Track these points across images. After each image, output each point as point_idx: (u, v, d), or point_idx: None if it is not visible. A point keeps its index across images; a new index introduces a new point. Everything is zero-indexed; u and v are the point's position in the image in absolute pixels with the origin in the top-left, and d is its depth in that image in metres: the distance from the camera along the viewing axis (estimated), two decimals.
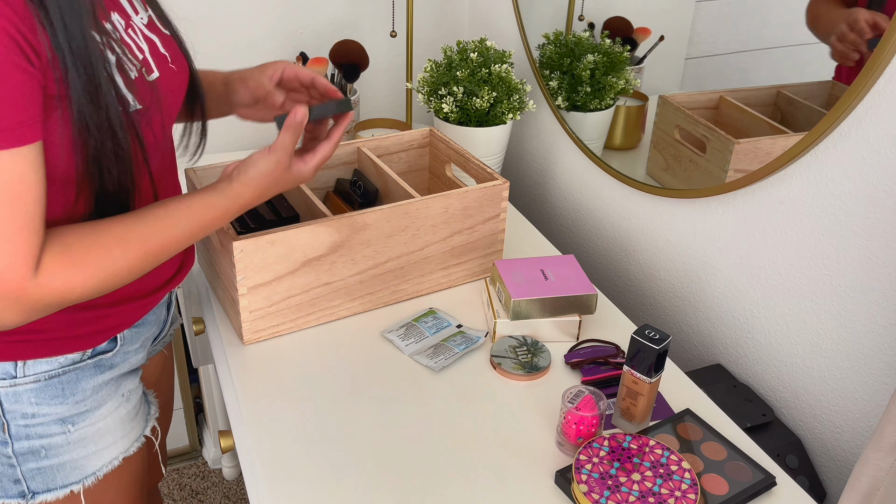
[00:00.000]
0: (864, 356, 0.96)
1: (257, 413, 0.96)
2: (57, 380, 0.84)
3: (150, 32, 0.82)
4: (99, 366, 0.88)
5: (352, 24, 1.66)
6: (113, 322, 0.87)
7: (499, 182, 1.15)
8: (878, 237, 0.91)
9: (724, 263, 1.14)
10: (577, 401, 0.89)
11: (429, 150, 1.33)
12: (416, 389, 1.00)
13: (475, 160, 1.21)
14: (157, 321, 1.00)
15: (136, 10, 0.82)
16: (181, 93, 0.87)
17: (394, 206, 1.07)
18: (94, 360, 0.87)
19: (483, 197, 1.15)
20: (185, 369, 1.99)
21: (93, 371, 0.87)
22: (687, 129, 1.14)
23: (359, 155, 1.27)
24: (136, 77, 0.76)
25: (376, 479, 0.87)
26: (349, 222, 1.04)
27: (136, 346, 0.93)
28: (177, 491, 2.03)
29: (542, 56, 1.46)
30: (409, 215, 1.09)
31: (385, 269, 1.12)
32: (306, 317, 1.09)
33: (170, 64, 0.83)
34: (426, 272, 1.17)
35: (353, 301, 1.12)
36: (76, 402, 0.86)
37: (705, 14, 1.13)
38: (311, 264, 1.04)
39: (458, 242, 1.17)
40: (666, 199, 1.23)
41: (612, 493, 0.82)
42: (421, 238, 1.13)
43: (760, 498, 0.86)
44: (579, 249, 1.50)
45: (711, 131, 1.08)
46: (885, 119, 0.86)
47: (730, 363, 1.17)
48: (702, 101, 1.12)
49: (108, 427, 0.90)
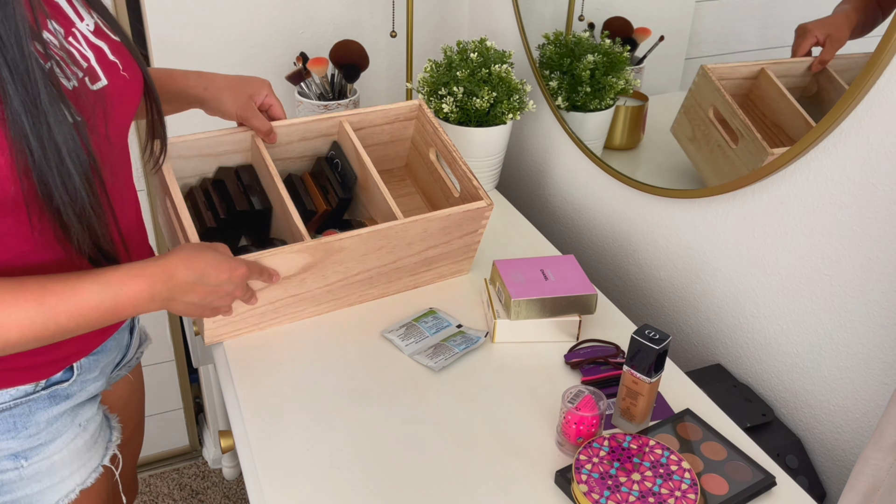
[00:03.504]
0: (864, 356, 0.96)
1: (257, 413, 0.96)
2: (8, 413, 0.79)
3: (98, 39, 0.77)
4: (54, 397, 0.82)
5: (352, 24, 1.66)
6: (68, 350, 0.82)
7: (483, 204, 1.11)
8: (878, 237, 0.91)
9: (724, 263, 1.14)
10: (577, 401, 0.89)
11: (414, 123, 1.27)
12: (416, 389, 1.00)
13: (462, 163, 1.17)
14: (119, 346, 0.95)
15: (80, 17, 0.77)
16: (134, 100, 0.82)
17: (372, 231, 1.04)
18: (48, 391, 0.81)
19: (465, 218, 1.12)
20: (185, 369, 1.99)
21: (47, 403, 0.82)
22: (723, 114, 1.09)
23: (339, 129, 1.19)
24: (77, 87, 0.71)
25: (376, 479, 0.87)
26: (325, 247, 1.01)
27: (95, 374, 0.88)
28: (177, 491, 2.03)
29: (542, 56, 1.46)
30: (387, 237, 1.06)
31: (354, 280, 1.10)
32: (269, 322, 1.08)
33: (121, 71, 0.79)
34: (394, 279, 1.15)
35: (318, 306, 1.11)
36: (29, 437, 0.81)
37: (705, 14, 1.13)
38: (280, 283, 1.02)
39: (432, 255, 1.15)
40: (666, 199, 1.23)
41: (612, 493, 0.82)
42: (394, 253, 1.10)
43: (760, 498, 0.86)
44: (579, 249, 1.50)
45: (748, 130, 1.05)
46: (885, 119, 0.86)
47: (730, 363, 1.17)
48: (743, 72, 1.07)
49: (64, 460, 0.85)
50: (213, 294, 0.83)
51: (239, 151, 1.13)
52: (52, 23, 0.72)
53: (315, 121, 1.16)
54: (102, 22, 0.80)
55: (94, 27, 0.78)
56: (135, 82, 0.82)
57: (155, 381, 1.96)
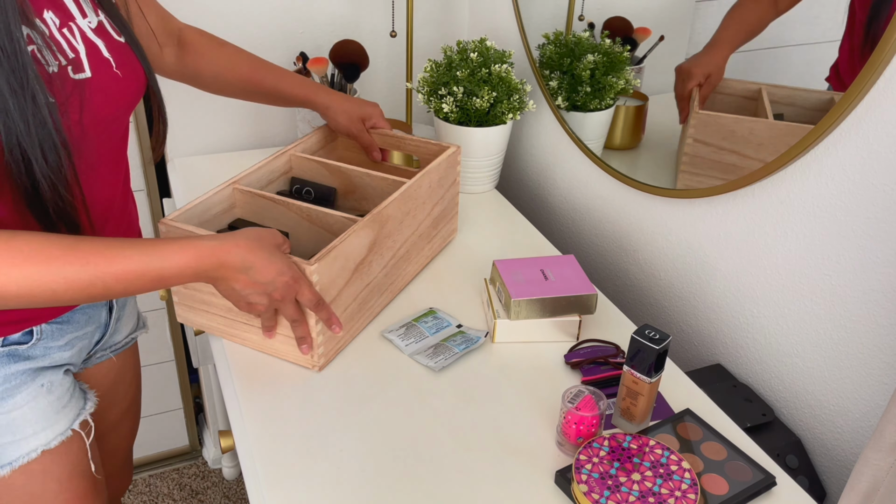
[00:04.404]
0: (864, 356, 0.96)
1: (257, 413, 0.96)
2: None
3: (96, 36, 0.83)
4: (13, 355, 0.86)
5: (352, 24, 1.66)
6: (29, 314, 0.86)
7: (454, 149, 1.23)
8: (878, 237, 0.91)
9: (724, 263, 1.14)
10: (577, 401, 0.89)
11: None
12: (416, 389, 1.00)
13: (410, 137, 1.27)
14: (93, 322, 0.98)
15: (83, 14, 0.83)
16: (122, 97, 0.86)
17: (402, 193, 1.09)
18: (6, 349, 0.86)
19: (447, 165, 1.22)
20: (185, 369, 1.99)
21: (6, 360, 0.86)
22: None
23: (292, 163, 1.24)
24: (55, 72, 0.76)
25: (376, 479, 0.87)
26: (378, 219, 1.04)
27: (61, 343, 0.92)
28: (177, 491, 2.03)
29: (542, 56, 1.46)
30: (411, 198, 1.12)
31: (398, 256, 1.13)
32: (358, 322, 1.08)
33: (113, 69, 0.84)
34: (419, 249, 1.20)
35: (381, 295, 1.12)
36: None
37: (705, 14, 1.13)
38: (358, 270, 1.03)
39: (436, 213, 1.22)
40: (666, 199, 1.23)
41: (612, 493, 0.82)
42: (416, 217, 1.16)
43: (760, 498, 0.86)
44: (579, 249, 1.50)
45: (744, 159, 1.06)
46: (885, 119, 0.86)
47: (730, 363, 1.17)
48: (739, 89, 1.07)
49: (26, 417, 0.88)
50: (252, 288, 0.86)
51: (229, 208, 1.13)
52: (49, 13, 0.79)
53: (269, 162, 1.18)
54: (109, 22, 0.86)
55: (97, 25, 0.84)
56: (129, 81, 0.87)
57: (155, 381, 1.96)
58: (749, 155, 1.04)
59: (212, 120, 1.62)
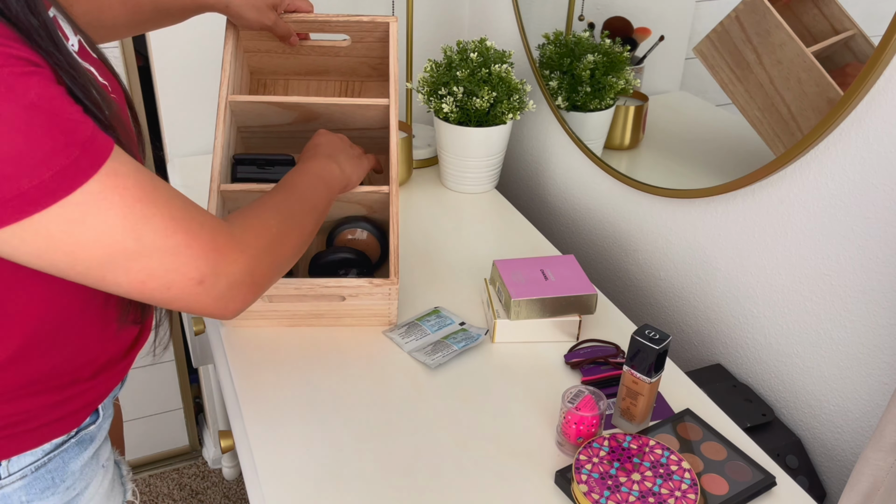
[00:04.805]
0: (864, 356, 0.96)
1: (257, 413, 0.96)
2: (45, 469, 0.77)
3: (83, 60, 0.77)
4: (81, 442, 0.81)
5: None
6: (94, 395, 0.82)
7: (392, 17, 1.18)
8: (878, 237, 0.91)
9: (724, 263, 1.14)
10: (577, 401, 0.89)
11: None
12: (416, 389, 1.00)
13: (336, 16, 1.16)
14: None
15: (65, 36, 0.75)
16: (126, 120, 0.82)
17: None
18: (76, 437, 0.81)
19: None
20: (185, 369, 1.99)
21: (77, 450, 0.81)
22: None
23: (236, 118, 1.14)
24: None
25: (376, 479, 0.87)
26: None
27: (110, 411, 0.87)
28: (177, 491, 2.03)
29: (542, 56, 1.46)
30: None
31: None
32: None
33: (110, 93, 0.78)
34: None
35: None
36: (66, 489, 0.80)
37: (705, 14, 1.13)
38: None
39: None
40: (666, 199, 1.23)
41: (611, 493, 0.82)
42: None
43: (760, 498, 0.86)
44: (579, 249, 1.50)
45: (758, 66, 1.00)
46: (885, 119, 0.86)
47: (730, 363, 1.17)
48: (831, 15, 0.96)
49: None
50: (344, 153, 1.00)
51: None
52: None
53: (218, 138, 1.09)
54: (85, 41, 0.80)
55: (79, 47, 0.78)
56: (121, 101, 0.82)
57: (155, 381, 1.96)
58: (765, 65, 1.00)
59: (212, 120, 1.62)
